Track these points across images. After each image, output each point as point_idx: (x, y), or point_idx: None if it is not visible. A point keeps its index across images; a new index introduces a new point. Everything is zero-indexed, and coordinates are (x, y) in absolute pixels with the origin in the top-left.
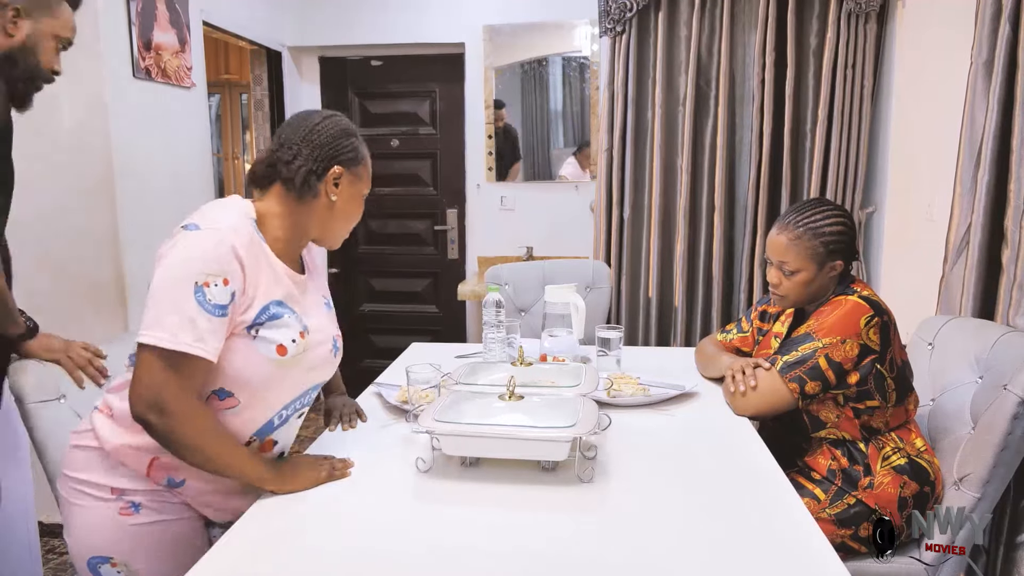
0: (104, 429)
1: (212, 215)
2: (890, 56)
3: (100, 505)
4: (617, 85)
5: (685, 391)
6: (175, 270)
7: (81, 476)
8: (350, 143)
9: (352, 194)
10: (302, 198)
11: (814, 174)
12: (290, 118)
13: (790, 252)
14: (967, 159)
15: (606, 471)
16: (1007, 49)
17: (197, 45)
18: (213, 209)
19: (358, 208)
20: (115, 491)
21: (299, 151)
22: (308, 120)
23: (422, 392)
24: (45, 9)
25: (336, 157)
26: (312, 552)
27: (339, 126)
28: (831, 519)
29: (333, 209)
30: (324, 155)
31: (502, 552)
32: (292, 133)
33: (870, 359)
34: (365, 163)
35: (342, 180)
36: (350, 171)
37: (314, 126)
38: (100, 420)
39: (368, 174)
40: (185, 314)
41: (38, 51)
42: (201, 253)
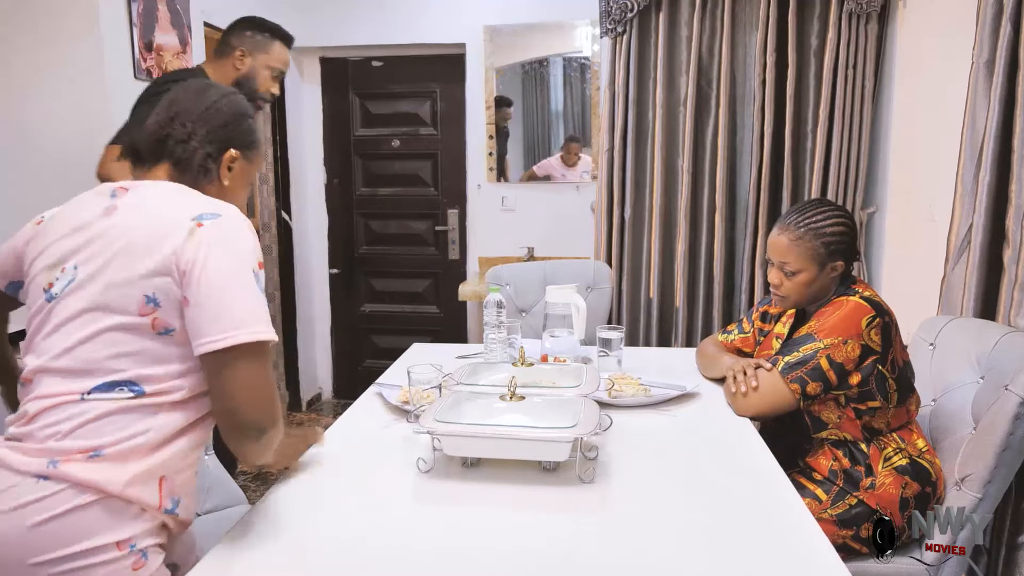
0: (98, 473)
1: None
2: (891, 56)
3: (107, 570)
4: (618, 85)
5: (686, 392)
6: (229, 264)
7: (77, 547)
8: (248, 125)
9: (244, 179)
10: (196, 181)
11: (815, 174)
12: (181, 89)
13: (791, 253)
14: (968, 159)
15: (607, 472)
16: (1008, 49)
17: (198, 46)
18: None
19: (246, 192)
20: (120, 545)
21: (194, 130)
22: (204, 96)
23: (423, 392)
24: (261, 49)
25: (233, 140)
26: (313, 552)
27: (238, 106)
28: (832, 520)
29: (223, 193)
30: (221, 136)
31: (503, 552)
32: (187, 108)
33: (871, 360)
34: (259, 147)
35: (236, 164)
36: (245, 155)
37: (212, 103)
38: (81, 469)
39: (261, 158)
40: (258, 302)
41: (257, 79)
42: (245, 239)
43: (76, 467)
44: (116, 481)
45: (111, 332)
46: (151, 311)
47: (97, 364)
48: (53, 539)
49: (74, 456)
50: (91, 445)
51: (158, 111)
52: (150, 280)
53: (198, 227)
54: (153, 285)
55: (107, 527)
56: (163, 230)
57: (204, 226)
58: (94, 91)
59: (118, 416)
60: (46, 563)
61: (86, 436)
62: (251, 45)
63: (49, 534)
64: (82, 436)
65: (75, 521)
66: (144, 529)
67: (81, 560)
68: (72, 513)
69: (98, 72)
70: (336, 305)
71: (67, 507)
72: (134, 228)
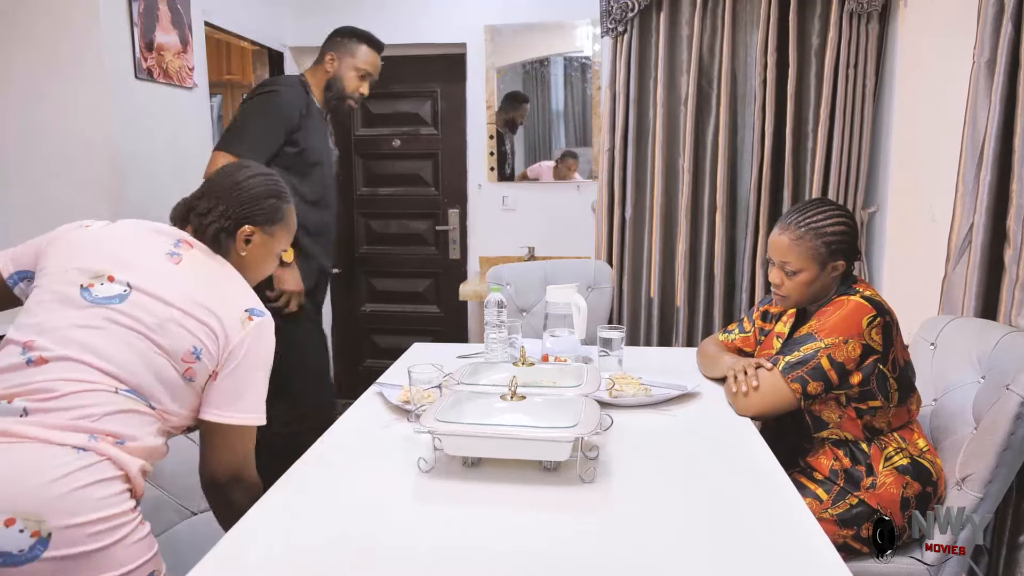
0: (122, 456)
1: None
2: (892, 56)
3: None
4: (619, 85)
5: (687, 391)
6: (262, 360)
7: (109, 512)
8: (270, 204)
9: (264, 252)
10: (214, 250)
11: (816, 174)
12: (220, 170)
13: (792, 252)
14: (969, 159)
15: (608, 471)
16: (1009, 48)
17: (199, 46)
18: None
19: (271, 264)
20: (133, 510)
21: (215, 205)
22: (236, 174)
23: (424, 392)
24: (349, 52)
25: (250, 217)
26: (313, 551)
27: (264, 185)
28: (833, 519)
29: (242, 263)
30: (239, 214)
31: (504, 552)
32: (218, 185)
33: (872, 359)
34: (284, 223)
35: (254, 238)
36: (264, 230)
37: (238, 183)
38: (111, 449)
39: (287, 233)
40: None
41: (344, 80)
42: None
43: (108, 446)
44: (132, 466)
45: (155, 357)
46: (192, 361)
47: (132, 374)
48: (95, 503)
49: (107, 439)
50: (118, 433)
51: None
52: (201, 340)
53: (249, 320)
54: (202, 343)
55: (124, 499)
56: (223, 307)
57: (253, 321)
58: (95, 90)
59: (136, 416)
60: (93, 523)
61: (113, 423)
62: (340, 49)
63: (92, 498)
64: (111, 423)
65: (108, 489)
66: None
67: (114, 521)
68: (106, 483)
69: (99, 71)
70: (337, 305)
71: (104, 476)
72: (199, 290)
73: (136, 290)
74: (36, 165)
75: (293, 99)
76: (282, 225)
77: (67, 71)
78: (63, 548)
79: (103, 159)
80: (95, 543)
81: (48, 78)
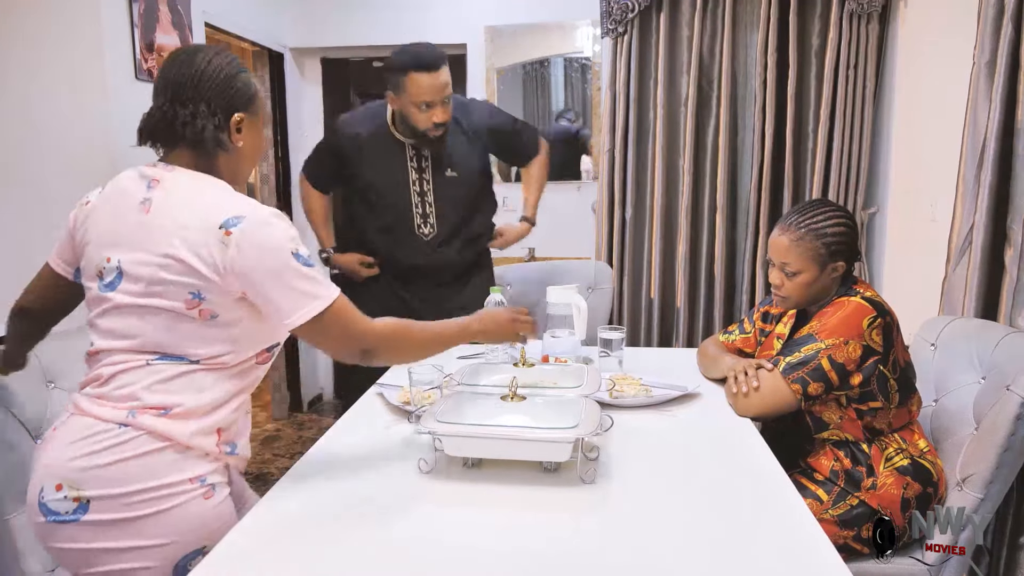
0: (169, 426)
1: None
2: (892, 56)
3: (184, 500)
4: (619, 86)
5: (687, 392)
6: (269, 260)
7: (152, 484)
8: (241, 81)
9: (254, 134)
10: (214, 155)
11: (816, 175)
12: (170, 63)
13: (792, 253)
14: (970, 159)
15: (608, 472)
16: (1009, 49)
17: None
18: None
19: (261, 142)
20: (193, 480)
21: (195, 108)
22: (192, 65)
23: (424, 393)
24: (400, 88)
25: (233, 103)
26: (314, 552)
27: (226, 65)
28: (834, 520)
29: (240, 154)
30: (222, 105)
31: (504, 552)
32: (181, 85)
33: (873, 360)
34: (258, 95)
35: (244, 124)
36: (249, 112)
37: (201, 73)
38: (154, 422)
39: (263, 105)
40: (305, 282)
41: (411, 118)
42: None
43: (150, 419)
44: (182, 434)
45: (163, 318)
46: (196, 304)
47: (155, 343)
48: (136, 475)
49: (147, 412)
50: (161, 403)
51: (155, 93)
52: (193, 281)
53: (227, 235)
54: (196, 286)
55: (179, 468)
56: (197, 243)
57: (232, 233)
58: (95, 91)
59: (180, 380)
60: (132, 493)
61: (156, 393)
62: (393, 87)
63: (132, 471)
64: (154, 393)
65: (153, 461)
66: (211, 468)
67: (163, 491)
68: (149, 455)
69: (99, 72)
70: None
71: (145, 449)
72: (170, 236)
73: (124, 264)
74: (36, 165)
75: (349, 130)
76: (257, 98)
77: (68, 72)
78: (101, 514)
79: (103, 160)
80: (133, 512)
81: (49, 79)
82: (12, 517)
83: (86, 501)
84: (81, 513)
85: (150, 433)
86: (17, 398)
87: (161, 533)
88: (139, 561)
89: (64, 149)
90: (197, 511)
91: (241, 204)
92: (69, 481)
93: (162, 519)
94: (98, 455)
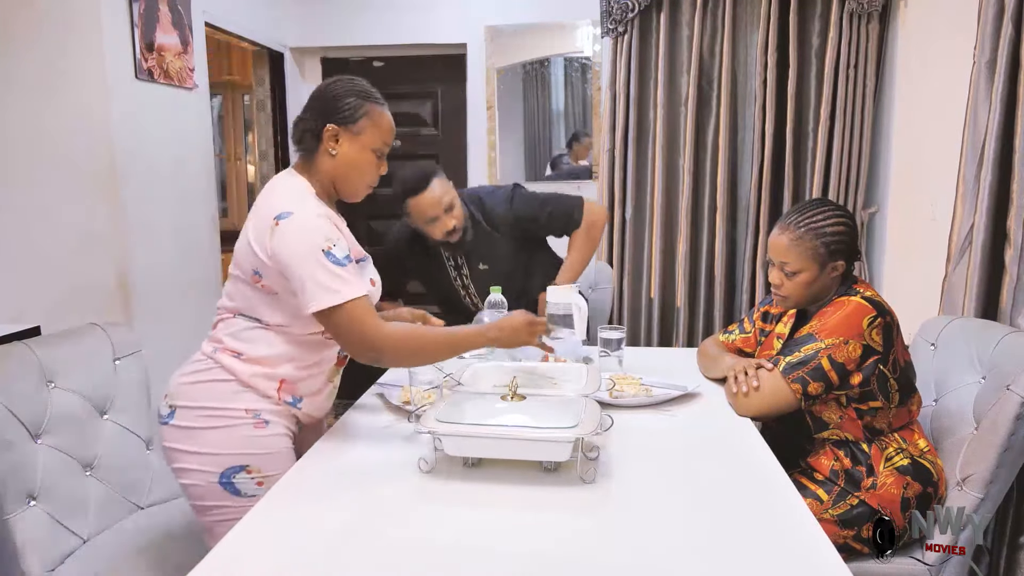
0: (236, 365)
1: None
2: (892, 56)
3: (236, 423)
4: (619, 85)
5: (687, 392)
6: (301, 250)
7: (217, 404)
8: (349, 103)
9: (354, 150)
10: (308, 154)
11: (816, 174)
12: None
13: (791, 253)
14: (970, 159)
15: (608, 472)
16: (1010, 48)
17: (199, 46)
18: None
19: (366, 161)
20: (248, 411)
21: (307, 114)
22: (324, 85)
23: (424, 392)
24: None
25: (330, 116)
26: (314, 551)
27: (341, 88)
28: (834, 520)
29: (336, 162)
30: (319, 117)
31: (504, 552)
32: (310, 99)
33: (873, 360)
34: (369, 120)
35: (341, 136)
36: (346, 128)
37: (323, 89)
38: (228, 360)
39: (376, 132)
40: (330, 276)
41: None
42: (311, 229)
43: (226, 358)
44: (244, 373)
45: (243, 287)
46: (258, 280)
47: (240, 305)
48: (205, 395)
49: (226, 352)
50: (236, 349)
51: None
52: (254, 261)
53: (276, 226)
54: (256, 265)
55: (238, 399)
56: (259, 228)
57: (280, 224)
58: (95, 91)
59: (254, 332)
60: (197, 408)
61: (234, 342)
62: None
63: (203, 392)
64: (233, 339)
65: (219, 388)
66: (268, 408)
67: (217, 412)
68: (218, 383)
69: (99, 72)
70: None
71: (215, 378)
72: (251, 222)
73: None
74: (37, 165)
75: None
76: (366, 122)
77: (68, 72)
78: (180, 420)
79: (103, 160)
80: (197, 423)
81: (49, 78)
82: (12, 516)
83: (174, 409)
84: (170, 418)
85: (223, 368)
86: (17, 398)
87: (213, 444)
88: (195, 464)
89: (64, 149)
90: (245, 435)
91: (296, 203)
92: (170, 393)
93: (216, 434)
94: (188, 376)
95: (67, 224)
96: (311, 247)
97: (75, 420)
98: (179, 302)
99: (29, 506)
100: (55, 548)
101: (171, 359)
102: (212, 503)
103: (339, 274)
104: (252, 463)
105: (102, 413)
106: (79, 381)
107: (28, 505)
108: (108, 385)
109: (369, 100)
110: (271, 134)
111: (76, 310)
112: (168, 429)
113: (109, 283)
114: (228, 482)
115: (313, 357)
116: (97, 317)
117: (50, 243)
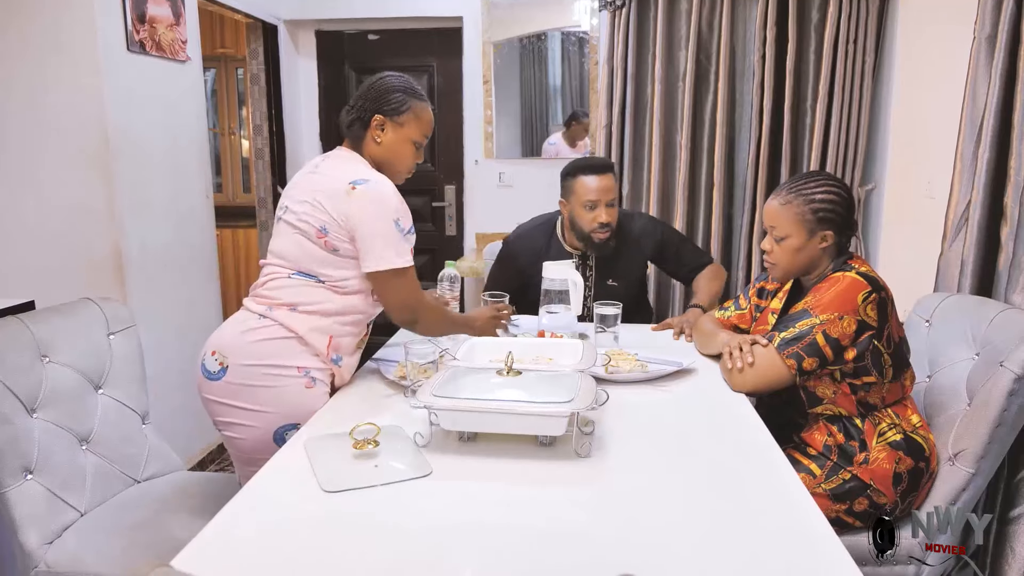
0: (293, 320)
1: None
2: (892, 31)
3: (290, 382)
4: (616, 60)
5: (683, 367)
6: (376, 214)
7: (273, 361)
8: (395, 97)
9: (396, 139)
10: (356, 140)
11: (814, 150)
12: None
13: (780, 217)
14: (968, 135)
15: (603, 446)
16: (1010, 23)
17: (192, 18)
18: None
19: (406, 150)
20: (300, 369)
21: (354, 105)
22: (373, 80)
23: (420, 368)
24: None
25: (378, 108)
26: (309, 526)
27: (390, 83)
28: (826, 494)
29: (380, 149)
30: (368, 107)
31: (499, 526)
32: (359, 91)
33: (867, 335)
34: (412, 115)
35: (386, 127)
36: (392, 120)
37: (371, 84)
38: (285, 315)
39: (417, 126)
40: (397, 242)
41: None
42: (387, 196)
43: (282, 314)
44: (301, 327)
45: (304, 242)
46: (323, 236)
47: (294, 260)
48: (261, 353)
49: (282, 307)
50: (291, 302)
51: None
52: (323, 218)
53: (352, 190)
54: (324, 222)
55: (294, 355)
56: (333, 190)
57: (356, 189)
58: (86, 63)
59: (308, 289)
60: (257, 366)
61: (289, 297)
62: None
63: (259, 349)
64: (287, 297)
65: (276, 345)
66: (317, 365)
67: (275, 370)
68: (274, 340)
69: (90, 43)
70: None
71: (273, 335)
72: (321, 186)
73: (291, 202)
74: (29, 139)
75: (526, 242)
76: (410, 116)
77: (58, 44)
78: (236, 378)
79: (96, 133)
80: (252, 381)
81: (39, 50)
82: (9, 490)
83: (227, 366)
84: (222, 374)
85: (280, 324)
86: (12, 372)
87: (267, 402)
88: (250, 420)
89: (56, 122)
90: (297, 393)
91: (371, 174)
92: (220, 349)
93: (270, 392)
94: (242, 335)
95: (60, 198)
96: (385, 213)
97: (70, 394)
98: (173, 276)
99: (26, 479)
100: (53, 521)
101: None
102: (261, 456)
103: (400, 243)
104: (302, 421)
105: (97, 387)
106: (73, 356)
107: (25, 478)
108: (103, 359)
109: (415, 96)
110: (265, 108)
111: (70, 284)
112: (218, 385)
113: (103, 257)
114: (281, 438)
115: (356, 316)
116: (91, 291)
117: (43, 217)
